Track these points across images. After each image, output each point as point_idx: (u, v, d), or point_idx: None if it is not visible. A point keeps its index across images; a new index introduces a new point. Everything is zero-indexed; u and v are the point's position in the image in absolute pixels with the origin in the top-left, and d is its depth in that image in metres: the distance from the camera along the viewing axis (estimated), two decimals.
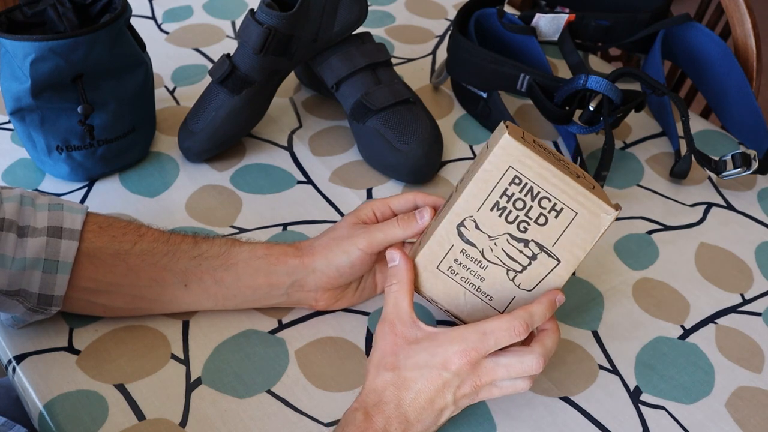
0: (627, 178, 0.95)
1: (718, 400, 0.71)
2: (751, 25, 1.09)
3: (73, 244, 0.68)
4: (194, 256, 0.71)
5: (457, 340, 0.61)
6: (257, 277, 0.72)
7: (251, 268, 0.71)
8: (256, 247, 0.72)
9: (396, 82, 0.94)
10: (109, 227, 0.71)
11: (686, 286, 0.82)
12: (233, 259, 0.71)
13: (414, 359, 0.61)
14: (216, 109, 0.91)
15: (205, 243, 0.72)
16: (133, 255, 0.70)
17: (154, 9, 1.21)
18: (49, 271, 0.67)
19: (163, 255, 0.70)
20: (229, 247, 0.72)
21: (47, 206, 0.70)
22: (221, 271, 0.71)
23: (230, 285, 0.72)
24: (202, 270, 0.71)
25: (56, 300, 0.69)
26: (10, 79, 0.83)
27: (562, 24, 1.03)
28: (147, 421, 0.67)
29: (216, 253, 0.71)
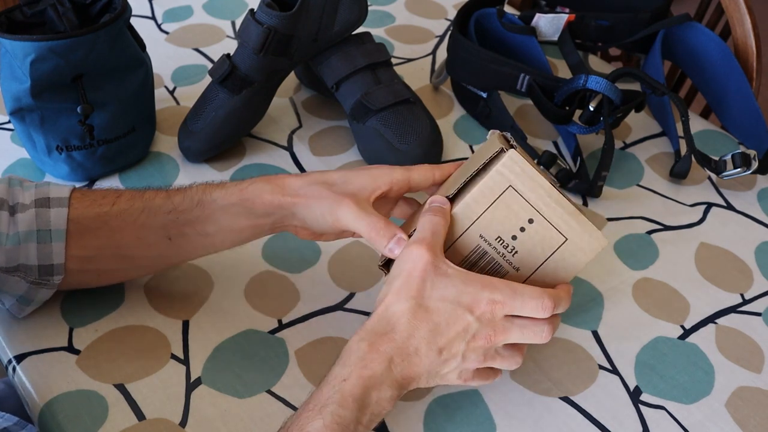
0: (627, 178, 0.95)
1: (718, 400, 0.71)
2: (751, 25, 1.09)
3: (62, 210, 0.69)
4: (169, 210, 0.70)
5: (489, 287, 0.59)
6: (238, 220, 0.69)
7: (229, 213, 0.69)
8: (230, 192, 0.69)
9: (396, 82, 0.94)
10: (89, 193, 0.72)
11: (686, 286, 0.82)
12: (209, 209, 0.69)
13: (441, 291, 0.59)
14: (216, 109, 0.91)
15: (177, 195, 0.70)
16: (113, 216, 0.70)
17: (154, 9, 1.21)
18: (43, 241, 0.68)
19: (140, 212, 0.70)
20: (201, 196, 0.70)
21: (34, 186, 0.71)
22: (201, 223, 0.70)
23: (213, 233, 0.70)
24: (180, 223, 0.70)
25: (57, 269, 0.69)
26: (10, 79, 0.83)
27: (562, 24, 1.03)
28: (147, 421, 0.67)
29: (189, 205, 0.69)
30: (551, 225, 0.61)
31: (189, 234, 0.70)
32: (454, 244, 0.63)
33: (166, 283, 0.79)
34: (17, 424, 0.71)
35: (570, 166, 0.94)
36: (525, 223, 0.61)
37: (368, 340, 0.58)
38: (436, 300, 0.59)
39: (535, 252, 0.63)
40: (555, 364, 0.73)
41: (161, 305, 0.77)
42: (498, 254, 0.63)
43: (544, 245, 0.62)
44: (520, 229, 0.62)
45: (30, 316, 0.75)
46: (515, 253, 0.63)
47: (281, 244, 0.83)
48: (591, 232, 0.62)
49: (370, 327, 0.59)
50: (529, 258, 0.63)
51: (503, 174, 0.60)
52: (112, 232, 0.70)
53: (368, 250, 0.84)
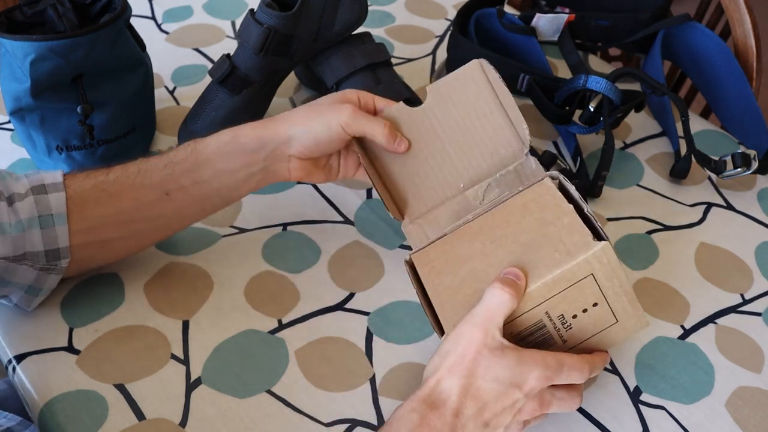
0: (627, 178, 0.95)
1: (718, 400, 0.71)
2: (751, 25, 1.09)
3: (60, 195, 0.69)
4: (164, 165, 0.72)
5: (540, 363, 0.60)
6: (232, 160, 0.71)
7: (223, 154, 0.72)
8: (221, 134, 0.73)
9: (396, 82, 0.94)
10: (81, 170, 0.73)
11: (686, 286, 0.82)
12: (202, 155, 0.72)
13: (494, 371, 0.59)
14: (216, 109, 0.91)
15: (170, 151, 0.73)
16: (109, 182, 0.71)
17: (154, 9, 1.21)
18: (46, 226, 0.69)
19: (136, 174, 0.71)
20: (195, 145, 0.72)
21: (24, 175, 0.71)
22: (195, 170, 0.72)
23: (209, 179, 0.72)
24: (176, 174, 0.71)
25: (63, 252, 0.70)
26: (10, 79, 0.83)
27: (562, 24, 1.03)
28: (147, 421, 0.67)
29: (183, 155, 0.72)
30: (611, 309, 0.62)
31: (186, 185, 0.72)
32: (518, 318, 0.63)
33: (166, 283, 0.79)
34: (20, 424, 0.71)
35: (570, 166, 0.94)
36: (590, 306, 0.62)
37: (419, 412, 0.59)
38: (488, 380, 0.59)
39: (587, 329, 0.63)
40: None
41: (161, 305, 0.77)
42: (554, 329, 0.63)
43: (597, 324, 0.63)
44: (583, 311, 0.62)
45: (30, 316, 0.75)
46: (570, 328, 0.63)
47: (281, 244, 0.84)
48: (639, 316, 0.64)
49: (422, 398, 0.60)
50: (579, 334, 0.64)
51: (590, 263, 0.60)
52: (111, 198, 0.71)
53: (368, 250, 0.84)
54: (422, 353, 0.74)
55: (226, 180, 0.73)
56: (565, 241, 0.62)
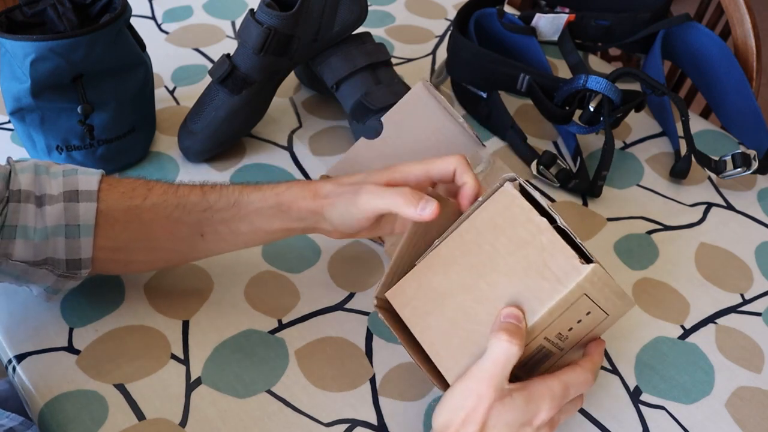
0: (627, 178, 0.95)
1: (718, 400, 0.71)
2: (751, 25, 1.09)
3: (91, 205, 0.68)
4: (204, 209, 0.70)
5: (547, 394, 0.60)
6: (272, 223, 0.70)
7: (265, 216, 0.70)
8: (267, 195, 0.70)
9: (396, 82, 0.94)
10: (118, 184, 0.71)
11: (686, 286, 0.82)
12: (244, 210, 0.70)
13: (505, 417, 0.58)
14: (216, 109, 0.91)
15: (212, 194, 0.70)
16: (145, 209, 0.69)
17: (154, 9, 1.21)
18: (72, 236, 0.68)
19: (174, 208, 0.70)
20: (238, 197, 0.70)
21: (62, 173, 0.70)
22: (235, 222, 0.70)
23: (246, 233, 0.71)
24: (215, 221, 0.70)
25: (84, 263, 0.69)
26: (10, 79, 0.83)
27: (562, 24, 1.03)
28: (147, 421, 0.67)
29: (225, 204, 0.70)
30: (602, 310, 0.61)
31: (222, 232, 0.71)
32: None
33: (166, 283, 0.79)
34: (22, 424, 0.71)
35: (570, 166, 0.94)
36: (583, 316, 0.61)
37: None
38: (501, 426, 0.58)
39: (581, 332, 0.63)
40: None
41: (161, 305, 0.77)
42: (553, 345, 0.62)
43: (590, 325, 0.62)
44: (578, 321, 0.61)
45: (30, 316, 0.75)
46: (566, 339, 0.62)
47: (281, 244, 0.83)
48: (626, 302, 0.62)
49: None
50: (575, 339, 0.63)
51: (582, 287, 0.58)
52: (143, 225, 0.70)
53: (368, 250, 0.84)
54: None
55: (264, 236, 0.72)
56: (550, 266, 0.59)
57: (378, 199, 0.65)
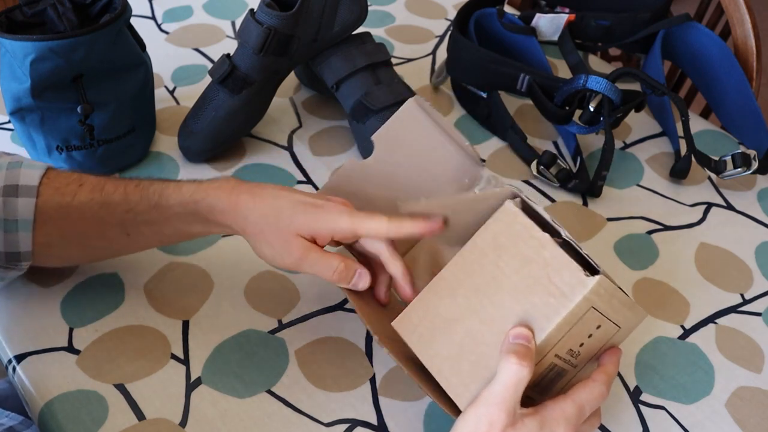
0: (627, 178, 0.95)
1: (718, 400, 0.71)
2: (751, 25, 1.09)
3: (29, 201, 0.68)
4: (126, 210, 0.70)
5: (560, 418, 0.58)
6: (193, 226, 0.70)
7: (184, 221, 0.69)
8: (186, 200, 0.69)
9: (396, 82, 0.94)
10: (56, 178, 0.71)
11: (686, 286, 0.82)
12: (165, 214, 0.69)
13: None
14: (216, 109, 0.91)
15: (135, 194, 0.70)
16: (73, 208, 0.70)
17: (154, 9, 1.21)
18: (10, 231, 0.68)
19: (99, 207, 0.70)
20: (158, 199, 0.69)
21: (6, 165, 0.70)
22: (157, 225, 0.70)
23: (170, 234, 0.71)
24: (138, 222, 0.70)
25: (24, 255, 0.70)
26: (10, 79, 0.83)
27: (562, 24, 1.03)
28: (147, 421, 0.67)
29: (146, 207, 0.69)
30: (612, 323, 0.60)
31: (145, 232, 0.71)
32: None
33: (166, 283, 0.79)
34: (22, 423, 0.71)
35: (570, 166, 0.94)
36: (594, 330, 0.60)
37: None
38: None
39: (594, 347, 0.61)
40: None
41: (161, 305, 0.77)
42: (565, 362, 0.61)
43: (602, 339, 0.61)
44: (588, 336, 0.60)
45: (30, 316, 0.75)
46: (578, 355, 0.61)
47: None
48: (638, 314, 0.61)
49: None
50: (588, 354, 0.61)
51: (589, 300, 0.57)
52: (73, 222, 0.70)
53: None
54: None
55: (188, 237, 0.72)
56: (555, 281, 0.58)
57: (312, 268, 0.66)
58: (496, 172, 0.95)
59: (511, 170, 0.95)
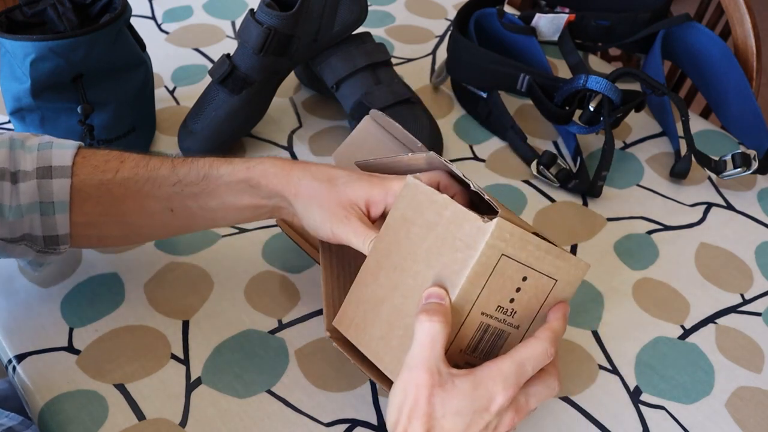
0: (627, 178, 0.95)
1: (718, 400, 0.71)
2: (751, 25, 1.09)
3: (65, 182, 0.68)
4: (174, 182, 0.69)
5: (497, 377, 0.56)
6: (241, 198, 0.69)
7: (234, 190, 0.69)
8: (237, 169, 0.69)
9: (396, 82, 0.94)
10: (92, 156, 0.70)
11: (686, 286, 0.82)
12: (213, 184, 0.69)
13: (453, 405, 0.55)
14: (216, 109, 0.91)
15: (182, 167, 0.69)
16: (116, 184, 0.69)
17: (154, 9, 1.21)
18: (47, 213, 0.67)
19: (145, 181, 0.69)
20: (208, 170, 0.69)
21: (37, 146, 0.69)
22: (204, 197, 0.69)
23: (216, 208, 0.70)
24: (184, 196, 0.69)
25: (62, 239, 0.69)
26: (10, 79, 0.83)
27: (562, 24, 1.03)
28: (147, 421, 0.67)
29: (195, 178, 0.69)
30: (542, 274, 0.58)
31: (192, 207, 0.70)
32: (457, 335, 0.58)
33: (166, 283, 0.79)
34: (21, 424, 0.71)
35: (570, 166, 0.94)
36: (520, 283, 0.58)
37: None
38: (450, 416, 0.55)
39: (531, 304, 0.60)
40: None
41: (161, 305, 0.77)
42: (499, 322, 0.59)
43: (539, 294, 0.59)
44: (516, 290, 0.58)
45: (30, 316, 0.75)
46: (514, 313, 0.59)
47: (281, 244, 0.83)
48: (575, 265, 0.59)
49: None
50: (527, 311, 0.60)
51: (494, 246, 0.55)
52: (115, 200, 0.69)
53: None
54: None
55: (233, 213, 0.71)
56: (458, 236, 0.57)
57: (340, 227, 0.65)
58: (496, 172, 0.95)
59: (511, 170, 0.95)
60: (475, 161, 0.96)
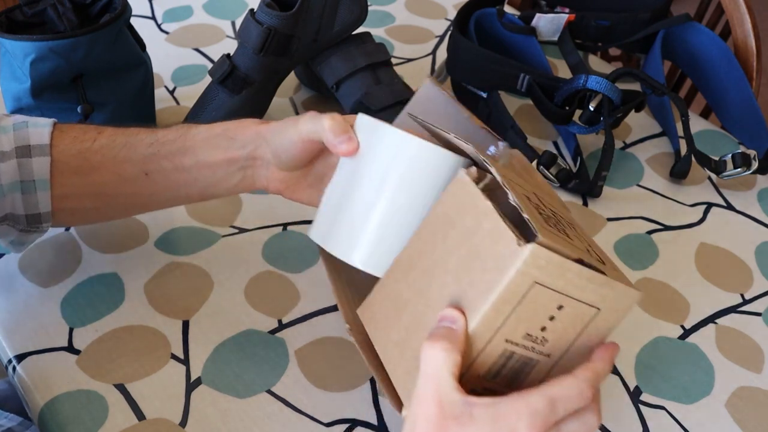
0: (627, 178, 0.95)
1: (718, 400, 0.71)
2: (751, 25, 1.09)
3: (44, 159, 0.68)
4: (151, 142, 0.69)
5: (523, 411, 0.49)
6: (215, 153, 0.69)
7: (209, 145, 0.69)
8: (214, 126, 0.70)
9: (396, 82, 0.94)
10: (70, 129, 0.71)
11: (686, 286, 0.82)
12: (190, 141, 0.69)
13: None
14: (216, 109, 0.91)
15: (162, 130, 0.70)
16: (93, 151, 0.69)
17: (154, 9, 1.21)
18: (28, 192, 0.68)
19: (122, 147, 0.69)
20: (187, 130, 0.70)
21: (12, 126, 0.69)
22: (179, 155, 0.69)
23: (189, 167, 0.69)
24: (160, 156, 0.69)
25: (44, 217, 0.69)
26: (10, 79, 0.83)
27: (562, 24, 1.03)
28: (147, 421, 0.67)
29: (173, 137, 0.69)
30: (582, 303, 0.52)
31: (166, 168, 0.69)
32: (475, 361, 0.52)
33: (166, 283, 0.79)
34: (21, 424, 0.71)
35: (570, 166, 0.94)
36: (554, 311, 0.51)
37: None
38: None
39: (567, 333, 0.53)
40: None
41: (161, 305, 0.77)
42: (527, 349, 0.53)
43: (576, 323, 0.53)
44: (549, 318, 0.52)
45: (30, 316, 0.75)
46: (545, 342, 0.53)
47: (281, 244, 0.84)
48: (624, 293, 0.53)
49: None
50: (561, 341, 0.53)
51: (527, 273, 0.49)
52: (92, 169, 0.69)
53: None
54: None
55: (206, 173, 0.70)
56: (491, 254, 0.50)
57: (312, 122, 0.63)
58: None
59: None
60: None
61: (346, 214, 0.60)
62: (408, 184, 0.59)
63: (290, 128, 0.66)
